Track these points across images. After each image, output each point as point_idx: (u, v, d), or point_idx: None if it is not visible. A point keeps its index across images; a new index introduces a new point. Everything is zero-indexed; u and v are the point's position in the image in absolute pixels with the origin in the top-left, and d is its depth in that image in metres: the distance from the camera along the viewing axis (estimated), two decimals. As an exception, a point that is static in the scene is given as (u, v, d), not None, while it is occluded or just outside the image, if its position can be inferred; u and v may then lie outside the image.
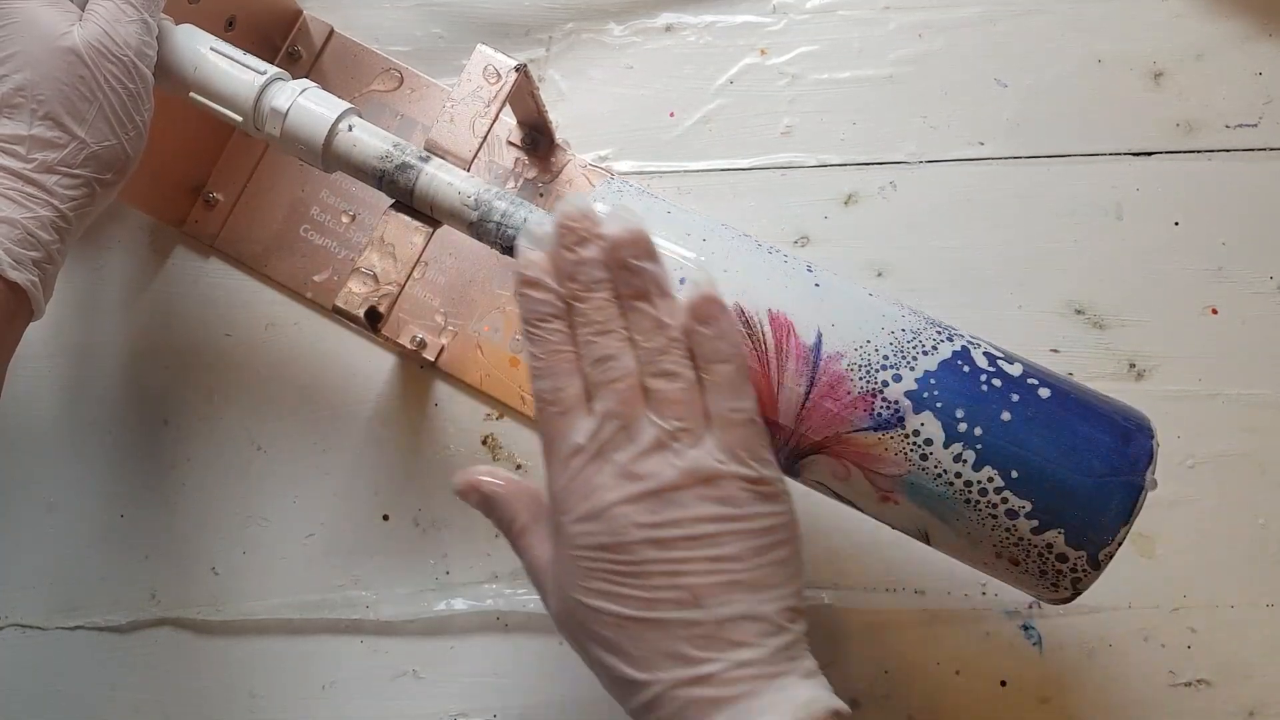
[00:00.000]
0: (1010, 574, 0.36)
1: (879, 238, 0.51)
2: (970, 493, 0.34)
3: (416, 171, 0.41)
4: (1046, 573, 0.35)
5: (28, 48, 0.37)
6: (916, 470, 0.35)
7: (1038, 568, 0.35)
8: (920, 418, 0.34)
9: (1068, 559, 0.34)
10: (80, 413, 0.52)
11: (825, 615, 0.48)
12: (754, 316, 0.35)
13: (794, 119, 0.52)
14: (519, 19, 0.54)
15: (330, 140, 0.41)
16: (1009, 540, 0.34)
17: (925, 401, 0.34)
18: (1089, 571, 0.34)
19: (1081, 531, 0.34)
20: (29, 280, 0.37)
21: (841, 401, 0.35)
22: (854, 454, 0.35)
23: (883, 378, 0.35)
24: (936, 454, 0.34)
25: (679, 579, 0.32)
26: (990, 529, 0.34)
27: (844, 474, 0.36)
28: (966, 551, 0.36)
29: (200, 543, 0.51)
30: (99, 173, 0.39)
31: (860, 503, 0.37)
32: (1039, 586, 0.35)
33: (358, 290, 0.42)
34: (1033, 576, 0.35)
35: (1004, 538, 0.34)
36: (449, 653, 0.49)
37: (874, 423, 0.35)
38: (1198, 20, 0.52)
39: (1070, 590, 0.35)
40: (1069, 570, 0.34)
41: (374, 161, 0.41)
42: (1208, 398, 0.49)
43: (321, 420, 0.51)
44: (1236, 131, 0.51)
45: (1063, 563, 0.34)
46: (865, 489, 0.36)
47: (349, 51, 0.54)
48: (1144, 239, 0.50)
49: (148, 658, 0.50)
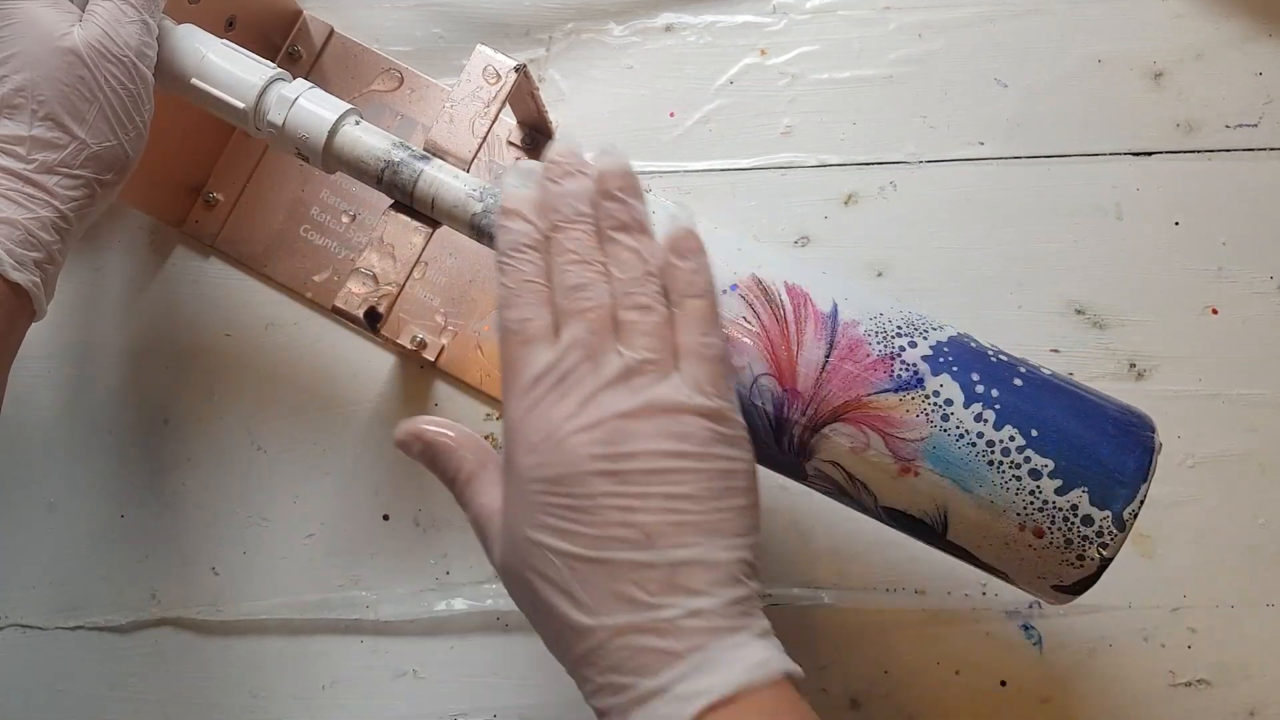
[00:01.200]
0: (1029, 555, 0.35)
1: (879, 238, 0.51)
2: (993, 453, 0.34)
3: (416, 172, 0.41)
4: (1072, 542, 0.34)
5: (28, 48, 0.37)
6: (938, 432, 0.35)
7: (1063, 536, 0.34)
8: (939, 379, 0.35)
9: (1093, 521, 0.34)
10: (80, 413, 0.52)
11: (825, 615, 0.48)
12: (771, 286, 0.36)
13: (794, 119, 0.52)
14: (519, 19, 0.54)
15: (330, 140, 0.41)
16: (1033, 505, 0.34)
17: (942, 365, 0.35)
18: (1115, 534, 0.34)
19: (1105, 489, 0.34)
20: (30, 281, 0.37)
21: (861, 364, 0.35)
22: (874, 419, 0.35)
23: (899, 343, 0.35)
24: (958, 414, 0.35)
25: (632, 514, 0.30)
26: (1014, 493, 0.34)
27: (863, 444, 0.35)
28: (988, 526, 0.35)
29: (200, 543, 0.51)
30: (99, 173, 0.39)
31: (876, 483, 0.36)
32: (1061, 565, 0.34)
33: (357, 290, 0.42)
34: (1057, 549, 0.34)
35: (1028, 503, 0.34)
36: (449, 653, 0.49)
37: (894, 384, 0.35)
38: (1198, 20, 0.52)
39: (1097, 560, 0.34)
40: (1095, 536, 0.34)
41: (374, 162, 0.41)
42: (1208, 398, 0.49)
43: (321, 420, 0.51)
44: (1236, 131, 0.51)
45: (1088, 526, 0.34)
46: (885, 461, 0.35)
47: (349, 51, 0.54)
48: (1144, 239, 0.50)
49: (148, 658, 0.50)
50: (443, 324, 0.51)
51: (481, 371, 0.50)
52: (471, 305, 0.51)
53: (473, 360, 0.51)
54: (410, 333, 0.51)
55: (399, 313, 0.51)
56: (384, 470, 0.51)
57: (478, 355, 0.51)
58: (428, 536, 0.50)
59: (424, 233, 0.42)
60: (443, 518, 0.50)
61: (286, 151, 0.42)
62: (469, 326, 0.51)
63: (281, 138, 0.42)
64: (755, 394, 0.36)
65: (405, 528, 0.50)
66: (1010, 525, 0.35)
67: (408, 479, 0.50)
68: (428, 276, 0.51)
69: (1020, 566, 0.36)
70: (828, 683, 0.47)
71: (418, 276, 0.51)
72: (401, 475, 0.50)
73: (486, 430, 0.50)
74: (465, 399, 0.51)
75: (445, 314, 0.51)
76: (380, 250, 0.42)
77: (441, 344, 0.51)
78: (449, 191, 0.41)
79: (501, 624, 0.49)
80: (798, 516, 0.48)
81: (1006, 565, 0.36)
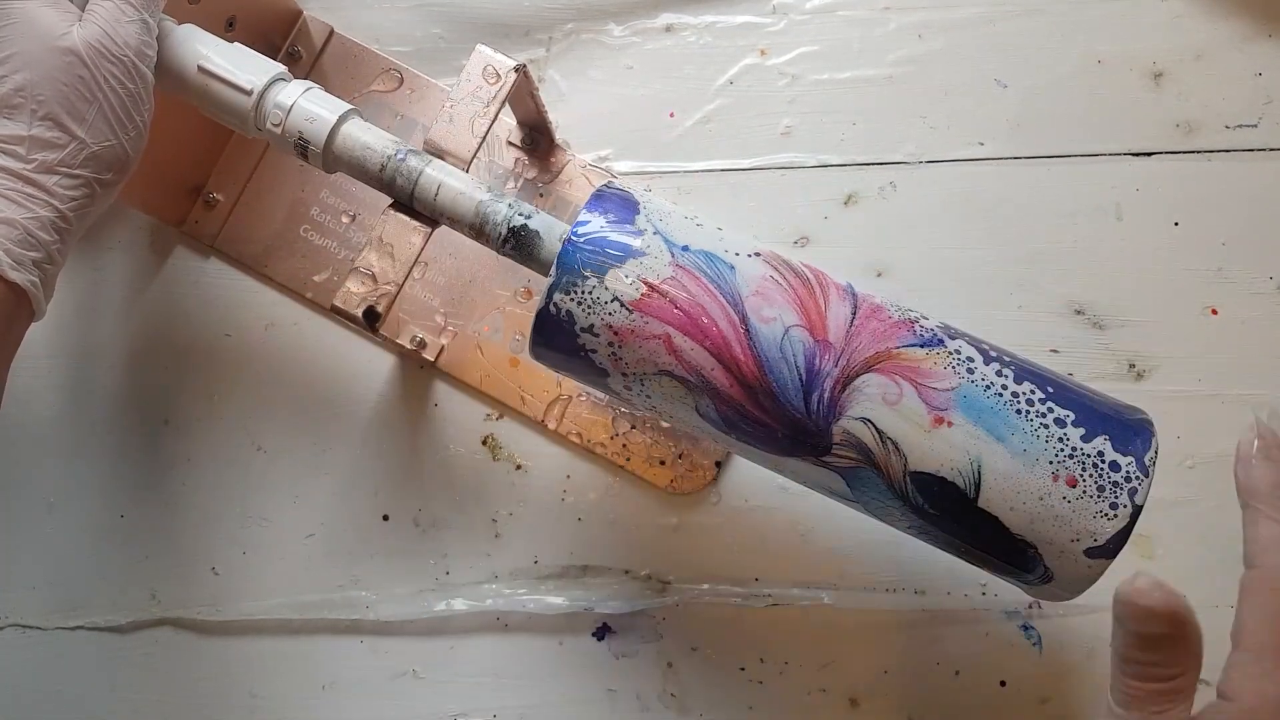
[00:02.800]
0: (1064, 511, 0.35)
1: (879, 238, 0.51)
2: (1019, 403, 0.36)
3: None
4: (1104, 489, 0.35)
5: (27, 48, 0.37)
6: (967, 383, 0.36)
7: (1095, 483, 0.35)
8: (956, 342, 0.37)
9: (1120, 467, 0.35)
10: (80, 413, 0.52)
11: (825, 615, 0.48)
12: (791, 259, 0.38)
13: (794, 119, 0.52)
14: (519, 19, 0.54)
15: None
16: (1063, 452, 0.35)
17: (953, 333, 0.38)
18: (1142, 479, 0.35)
19: (1125, 436, 0.35)
20: (29, 281, 0.37)
21: (885, 323, 0.37)
22: (905, 369, 0.36)
23: (912, 315, 0.38)
24: (980, 369, 0.36)
25: None
26: (1045, 440, 0.35)
27: (896, 395, 0.36)
28: (1022, 481, 0.35)
29: (200, 543, 0.51)
30: (99, 173, 0.39)
31: (908, 441, 0.36)
32: (1096, 518, 0.35)
33: (356, 290, 0.42)
34: (1090, 499, 0.35)
35: (1058, 449, 0.35)
36: (449, 653, 0.49)
37: (919, 340, 0.37)
38: (1198, 20, 0.52)
39: (1129, 508, 0.35)
40: (1124, 480, 0.35)
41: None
42: (1208, 398, 0.49)
43: (321, 420, 0.51)
44: (1236, 132, 0.51)
45: (1116, 472, 0.35)
46: (918, 412, 0.36)
47: (349, 52, 0.54)
48: (1144, 239, 0.50)
49: (148, 658, 0.50)
50: (442, 324, 0.51)
51: (481, 372, 0.50)
52: (471, 305, 0.51)
53: (472, 360, 0.51)
54: (410, 333, 0.51)
55: (398, 313, 0.51)
56: (384, 470, 0.51)
57: (477, 355, 0.51)
58: (428, 536, 0.50)
59: (423, 232, 0.42)
60: (443, 518, 0.50)
61: (287, 151, 0.42)
62: (468, 327, 0.51)
63: (282, 138, 0.42)
64: (786, 347, 0.36)
65: (405, 528, 0.50)
66: (1044, 476, 0.35)
67: (408, 479, 0.50)
68: (427, 277, 0.52)
69: (1053, 529, 0.35)
70: (828, 683, 0.47)
71: (417, 276, 0.51)
72: (401, 475, 0.50)
73: (486, 431, 0.50)
74: (465, 399, 0.51)
75: (445, 314, 0.51)
76: (379, 250, 0.42)
77: (441, 344, 0.51)
78: (449, 191, 0.41)
79: (501, 624, 0.49)
80: (798, 516, 0.49)
81: (1038, 531, 0.35)
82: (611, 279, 0.37)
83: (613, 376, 0.38)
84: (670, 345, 0.37)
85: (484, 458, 0.50)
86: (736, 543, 0.49)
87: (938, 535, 0.37)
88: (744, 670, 0.48)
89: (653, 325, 0.37)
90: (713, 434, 0.39)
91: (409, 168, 0.41)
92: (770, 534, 0.49)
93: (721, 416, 0.37)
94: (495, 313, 0.51)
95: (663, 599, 0.48)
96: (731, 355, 0.36)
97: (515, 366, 0.50)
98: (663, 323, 0.37)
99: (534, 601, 0.48)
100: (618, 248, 0.37)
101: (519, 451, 0.50)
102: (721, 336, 0.37)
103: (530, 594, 0.49)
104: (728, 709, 0.48)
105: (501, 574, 0.49)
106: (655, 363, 0.37)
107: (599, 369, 0.38)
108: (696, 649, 0.48)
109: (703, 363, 0.37)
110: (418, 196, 0.41)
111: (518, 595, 0.49)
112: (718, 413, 0.37)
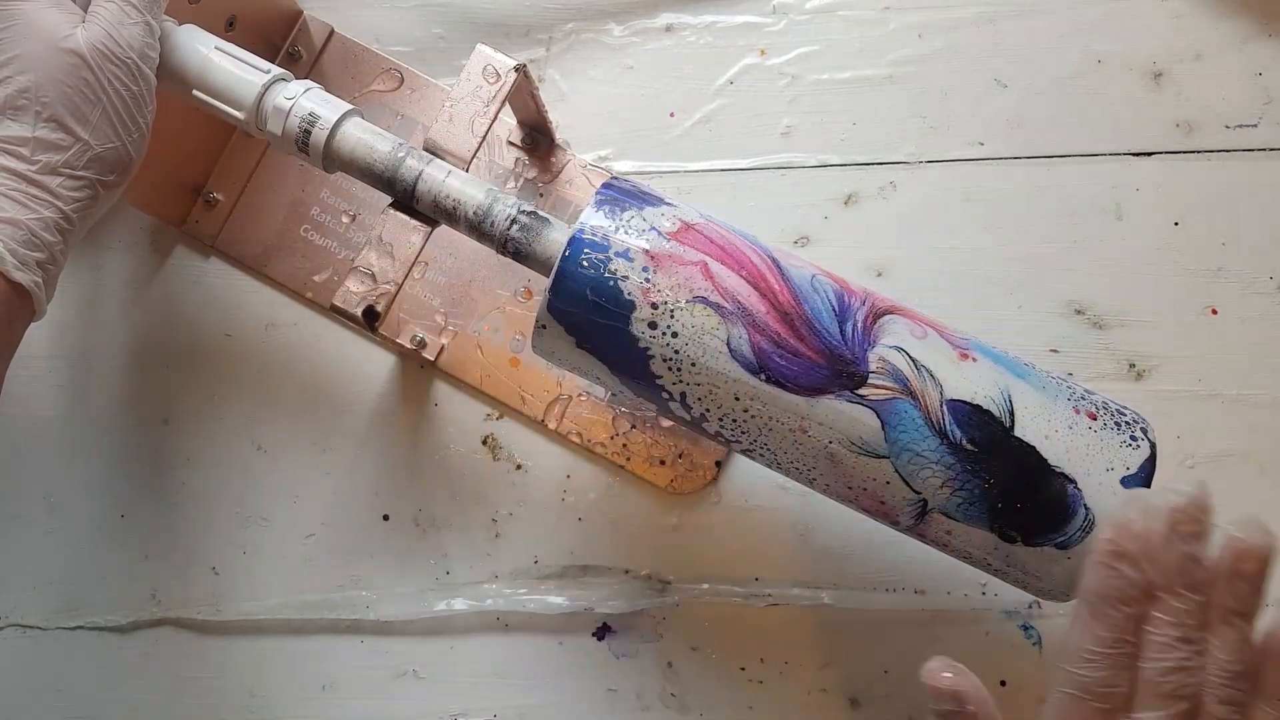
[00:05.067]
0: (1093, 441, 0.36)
1: (879, 238, 0.51)
2: (1023, 361, 0.38)
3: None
4: (1120, 425, 0.37)
5: (31, 49, 0.37)
6: (975, 339, 0.38)
7: (1113, 420, 0.37)
8: None
9: (1125, 412, 0.38)
10: (80, 413, 0.52)
11: (825, 615, 0.48)
12: None
13: (794, 119, 0.52)
14: (519, 19, 0.54)
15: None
16: (1075, 394, 0.38)
17: None
18: (1147, 424, 0.38)
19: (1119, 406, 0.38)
20: (32, 281, 0.37)
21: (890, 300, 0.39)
22: (921, 319, 0.38)
23: None
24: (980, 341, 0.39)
25: None
26: (1056, 385, 0.38)
27: (922, 333, 0.38)
28: (1050, 409, 0.37)
29: (200, 543, 0.51)
30: (102, 174, 0.39)
31: (941, 369, 0.37)
32: (1121, 447, 0.36)
33: (355, 289, 0.42)
34: (1111, 431, 0.37)
35: (1071, 392, 0.38)
36: (449, 653, 0.49)
37: None
38: (1198, 20, 0.52)
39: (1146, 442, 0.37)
40: (1134, 421, 0.38)
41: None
42: (1207, 398, 0.49)
43: (321, 420, 0.51)
44: (1236, 131, 0.51)
45: (1123, 415, 0.38)
46: (944, 348, 0.37)
47: (349, 51, 0.54)
48: (1144, 239, 0.50)
49: (148, 658, 0.50)
50: (442, 324, 0.51)
51: (481, 371, 0.51)
52: (471, 305, 0.51)
53: (472, 360, 0.51)
54: (410, 332, 0.51)
55: (399, 312, 0.51)
56: (384, 470, 0.51)
57: (477, 355, 0.51)
58: (428, 536, 0.50)
59: (423, 232, 0.42)
60: (443, 518, 0.50)
61: (287, 151, 0.42)
62: (469, 326, 0.51)
63: (282, 138, 0.42)
64: (816, 285, 0.38)
65: (405, 528, 0.50)
66: (1067, 409, 0.37)
67: (408, 479, 0.50)
68: (427, 276, 0.52)
69: (1088, 458, 0.36)
70: (828, 683, 0.47)
71: (417, 276, 0.51)
72: (401, 475, 0.50)
73: (487, 431, 0.50)
74: (465, 399, 0.51)
75: (445, 314, 0.51)
76: (379, 249, 0.42)
77: (441, 344, 0.51)
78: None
79: (501, 624, 0.49)
80: (798, 516, 0.49)
81: (1074, 462, 0.36)
82: (649, 213, 0.38)
83: (640, 309, 0.37)
84: (707, 271, 0.37)
85: (484, 458, 0.50)
86: (736, 543, 0.49)
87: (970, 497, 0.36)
88: (744, 670, 0.48)
89: (689, 253, 0.37)
90: (736, 383, 0.37)
91: (409, 167, 0.41)
92: (770, 534, 0.49)
93: (754, 351, 0.36)
94: (495, 312, 0.51)
95: (663, 599, 0.48)
96: (767, 285, 0.37)
97: (516, 366, 0.50)
98: (699, 251, 0.37)
99: (534, 601, 0.48)
100: (651, 197, 0.39)
101: (519, 451, 0.50)
102: (756, 268, 0.37)
103: (530, 594, 0.49)
104: (728, 709, 0.48)
105: (502, 574, 0.49)
106: (690, 289, 0.37)
107: (625, 302, 0.37)
108: (696, 649, 0.48)
109: (739, 289, 0.37)
110: (418, 196, 0.41)
111: (518, 595, 0.49)
112: (751, 346, 0.36)
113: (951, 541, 0.38)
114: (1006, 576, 0.39)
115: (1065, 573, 0.37)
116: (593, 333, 0.38)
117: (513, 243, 0.40)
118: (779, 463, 0.39)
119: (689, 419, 0.39)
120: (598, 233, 0.37)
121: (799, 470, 0.39)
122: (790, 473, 0.39)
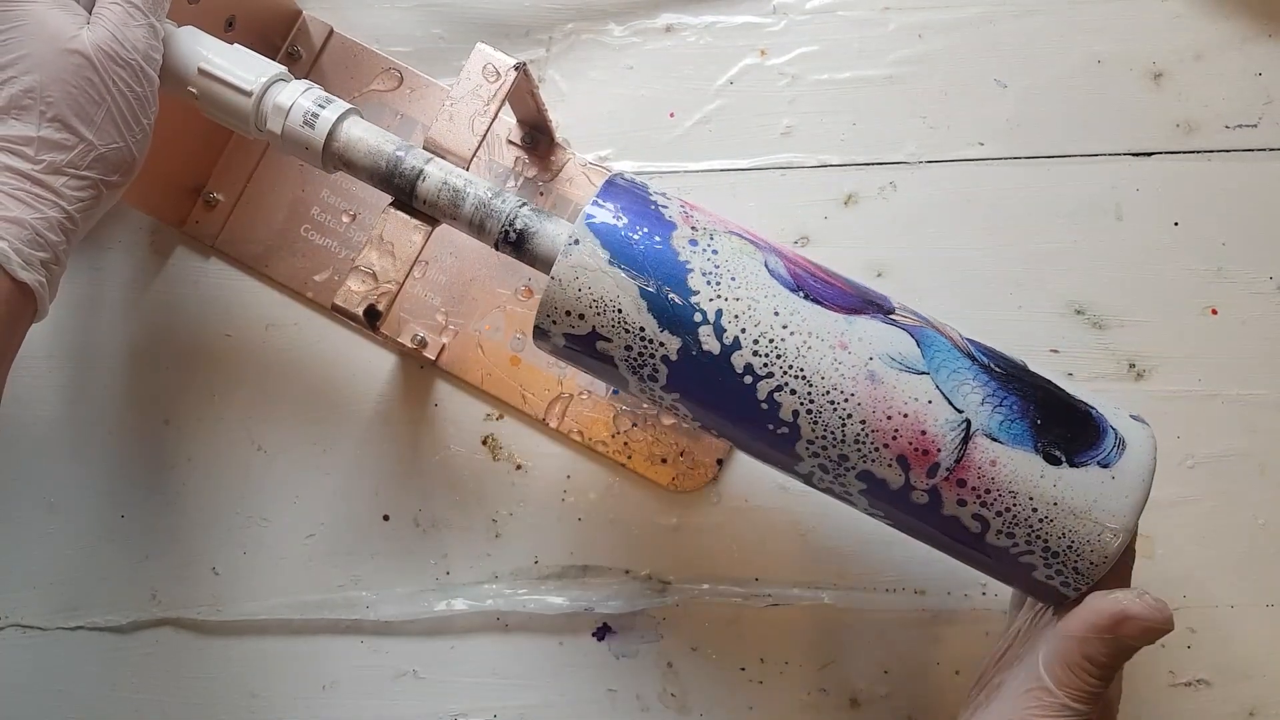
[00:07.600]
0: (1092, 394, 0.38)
1: (879, 238, 0.51)
2: None
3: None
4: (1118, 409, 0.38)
5: (36, 50, 0.37)
6: None
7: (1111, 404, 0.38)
8: None
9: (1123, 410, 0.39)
10: (80, 413, 0.52)
11: (825, 615, 0.48)
12: None
13: (794, 119, 0.52)
14: (519, 19, 0.54)
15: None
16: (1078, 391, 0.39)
17: None
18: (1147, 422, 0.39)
19: None
20: (37, 281, 0.37)
21: None
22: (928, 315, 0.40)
23: None
24: None
25: None
26: None
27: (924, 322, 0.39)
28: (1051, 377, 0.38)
29: (200, 543, 0.51)
30: (105, 175, 0.39)
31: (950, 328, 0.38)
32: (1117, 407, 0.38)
33: (356, 288, 0.42)
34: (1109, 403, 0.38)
35: None
36: (449, 653, 0.49)
37: None
38: (1198, 20, 0.52)
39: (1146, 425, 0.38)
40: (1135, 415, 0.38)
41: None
42: (1207, 398, 0.49)
43: (321, 420, 0.51)
44: (1236, 131, 0.51)
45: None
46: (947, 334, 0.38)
47: (349, 51, 0.54)
48: (1144, 239, 0.50)
49: (148, 658, 0.50)
50: (443, 323, 0.51)
51: (482, 370, 0.51)
52: (472, 304, 0.51)
53: (473, 359, 0.51)
54: (411, 332, 0.51)
55: (399, 312, 0.51)
56: (384, 470, 0.51)
57: (478, 354, 0.51)
58: (428, 536, 0.50)
59: (423, 231, 0.42)
60: (443, 518, 0.50)
61: (287, 151, 0.42)
62: (469, 325, 0.51)
63: (282, 138, 0.42)
64: None
65: (405, 528, 0.50)
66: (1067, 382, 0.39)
67: (408, 479, 0.50)
68: (428, 275, 0.52)
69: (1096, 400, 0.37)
70: (828, 683, 0.47)
71: (418, 275, 0.51)
72: (401, 475, 0.50)
73: (487, 430, 0.50)
74: (466, 398, 0.51)
75: (446, 313, 0.51)
76: (379, 248, 0.42)
77: (442, 343, 0.51)
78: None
79: (501, 624, 0.49)
80: (798, 516, 0.49)
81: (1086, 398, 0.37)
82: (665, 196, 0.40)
83: (680, 229, 0.38)
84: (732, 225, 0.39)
85: (484, 457, 0.50)
86: (736, 542, 0.49)
87: (1011, 414, 0.36)
88: (744, 670, 0.48)
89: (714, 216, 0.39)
90: (775, 298, 0.37)
91: (409, 166, 0.41)
92: (770, 534, 0.49)
93: (791, 273, 0.38)
94: (496, 311, 0.51)
95: (663, 599, 0.48)
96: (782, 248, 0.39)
97: (516, 365, 0.50)
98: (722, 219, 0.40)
99: (534, 601, 0.48)
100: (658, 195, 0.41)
101: (519, 451, 0.50)
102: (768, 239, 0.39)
103: (530, 594, 0.49)
104: (728, 709, 0.48)
105: (502, 574, 0.49)
106: (724, 226, 0.39)
107: (667, 222, 0.38)
108: (696, 649, 0.48)
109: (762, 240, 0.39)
110: (418, 195, 0.41)
111: (518, 595, 0.49)
112: (787, 269, 0.38)
113: (996, 477, 0.35)
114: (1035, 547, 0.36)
115: (1112, 500, 0.35)
116: (633, 241, 0.37)
117: (513, 240, 0.40)
118: (812, 396, 0.36)
119: (717, 350, 0.37)
120: (636, 179, 0.40)
121: (833, 406, 0.36)
122: (823, 413, 0.36)
